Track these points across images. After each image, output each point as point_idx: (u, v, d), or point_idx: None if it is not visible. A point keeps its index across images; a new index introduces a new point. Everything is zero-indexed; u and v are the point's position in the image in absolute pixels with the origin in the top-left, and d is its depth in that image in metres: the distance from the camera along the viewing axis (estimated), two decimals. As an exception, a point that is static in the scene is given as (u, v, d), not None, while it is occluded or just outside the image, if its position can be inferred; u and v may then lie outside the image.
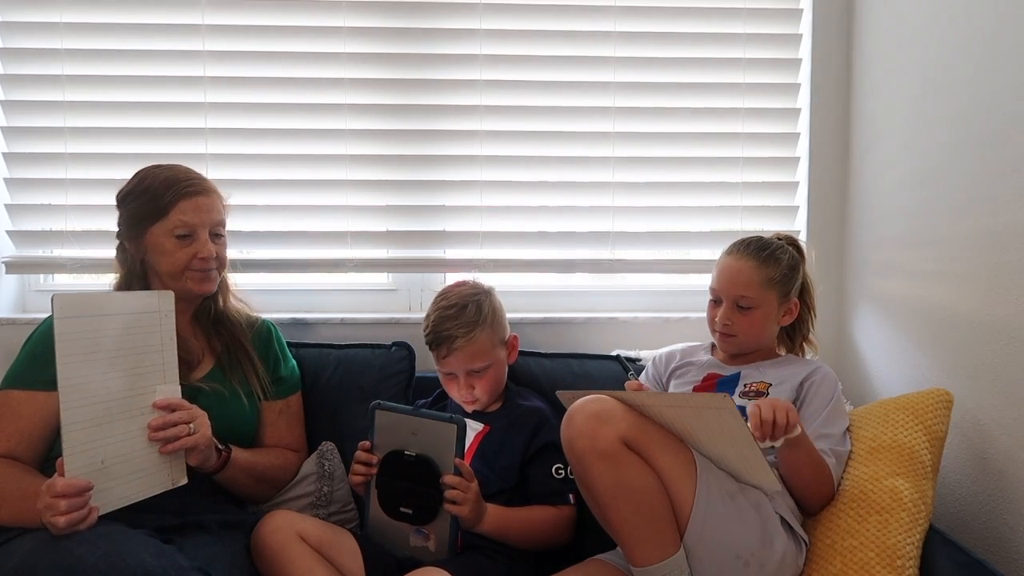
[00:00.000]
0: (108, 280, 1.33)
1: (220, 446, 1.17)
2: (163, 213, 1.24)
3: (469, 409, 1.40)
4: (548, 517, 1.29)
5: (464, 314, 1.34)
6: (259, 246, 1.73)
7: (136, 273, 1.28)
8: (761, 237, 1.35)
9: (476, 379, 1.36)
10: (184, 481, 1.11)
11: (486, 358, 1.35)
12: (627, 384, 1.30)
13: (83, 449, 0.98)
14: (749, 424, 1.06)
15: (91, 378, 1.00)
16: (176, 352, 1.12)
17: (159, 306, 1.10)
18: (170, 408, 1.08)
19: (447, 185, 1.76)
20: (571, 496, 1.30)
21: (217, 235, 1.32)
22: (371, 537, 1.26)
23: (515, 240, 1.78)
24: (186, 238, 1.26)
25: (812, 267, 1.38)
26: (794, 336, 1.39)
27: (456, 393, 1.38)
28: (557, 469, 1.31)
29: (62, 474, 0.96)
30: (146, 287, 1.28)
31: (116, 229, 1.30)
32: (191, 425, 1.09)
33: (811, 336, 1.40)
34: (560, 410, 1.19)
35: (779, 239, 1.36)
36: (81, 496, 0.95)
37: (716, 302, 1.34)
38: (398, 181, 1.75)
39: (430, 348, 1.38)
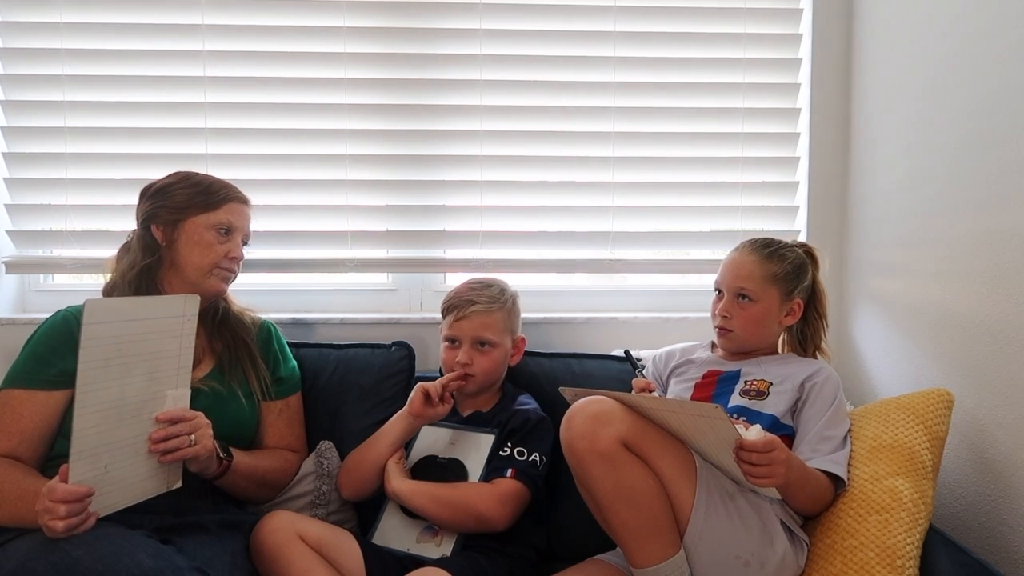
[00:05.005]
0: (106, 279, 1.33)
1: (221, 454, 1.17)
2: (213, 206, 1.29)
3: (462, 388, 1.38)
4: (471, 489, 1.26)
5: (489, 290, 1.42)
6: (259, 246, 1.72)
7: (150, 261, 1.27)
8: (771, 238, 1.36)
9: (478, 354, 1.37)
10: (178, 484, 1.11)
11: (495, 335, 1.38)
12: (634, 382, 1.31)
13: (90, 454, 0.98)
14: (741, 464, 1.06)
15: (109, 384, 1.00)
16: (192, 356, 1.12)
17: (184, 310, 1.10)
18: (172, 421, 1.08)
19: (447, 185, 1.76)
20: (508, 470, 1.26)
21: (244, 242, 1.37)
22: (375, 540, 1.27)
23: (515, 240, 1.78)
24: (224, 235, 1.30)
25: (825, 276, 1.38)
26: (806, 344, 1.38)
27: (453, 361, 1.37)
28: (505, 447, 1.30)
29: (65, 479, 0.95)
30: (152, 282, 1.28)
31: (139, 217, 1.31)
32: (192, 437, 1.09)
33: (823, 344, 1.39)
34: (559, 406, 1.19)
35: (791, 243, 1.36)
36: (81, 502, 0.95)
37: (719, 295, 1.34)
38: (398, 181, 1.75)
39: (445, 314, 1.42)
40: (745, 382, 1.30)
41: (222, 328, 1.35)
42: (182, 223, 1.28)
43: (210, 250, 1.28)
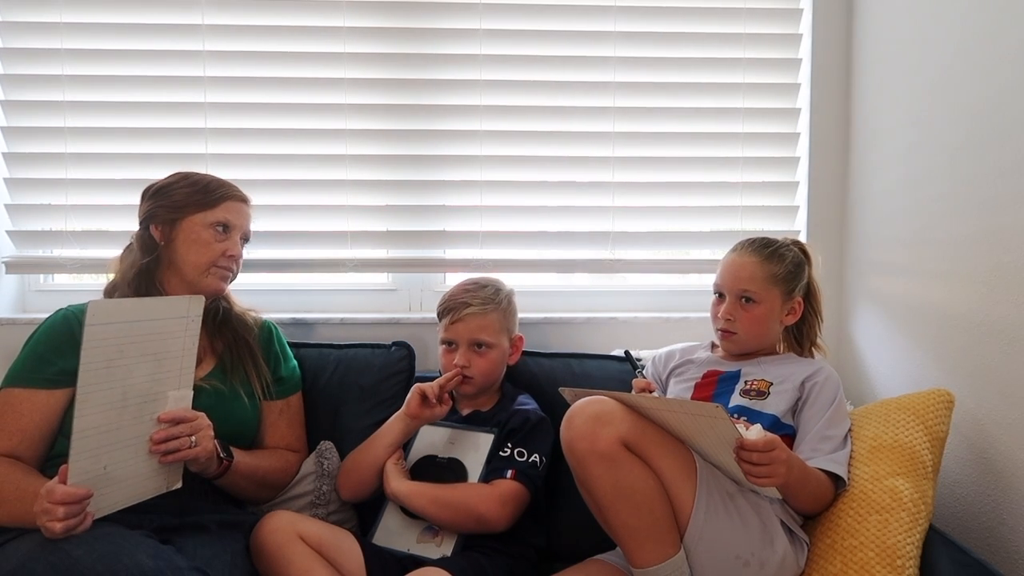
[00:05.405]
0: (109, 279, 1.33)
1: (222, 454, 1.17)
2: (211, 205, 1.29)
3: (461, 389, 1.38)
4: (471, 491, 1.26)
5: (483, 291, 1.41)
6: (259, 246, 1.72)
7: (149, 263, 1.27)
8: (766, 237, 1.36)
9: (475, 355, 1.37)
10: (178, 485, 1.11)
11: (492, 336, 1.38)
12: (634, 382, 1.31)
13: (90, 455, 0.98)
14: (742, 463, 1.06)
15: (110, 385, 0.99)
16: (195, 358, 1.12)
17: (187, 311, 1.09)
18: (174, 421, 1.08)
19: (447, 185, 1.76)
20: (508, 471, 1.26)
21: (243, 241, 1.37)
22: (375, 540, 1.27)
23: (515, 240, 1.78)
24: (222, 234, 1.30)
25: (819, 271, 1.38)
26: (802, 340, 1.39)
27: (451, 364, 1.37)
28: (505, 448, 1.30)
29: (63, 480, 0.95)
30: (151, 281, 1.28)
31: (139, 217, 1.31)
32: (193, 438, 1.09)
33: (819, 341, 1.40)
34: (559, 406, 1.19)
35: (787, 241, 1.37)
36: (79, 504, 0.95)
37: (720, 298, 1.34)
38: (398, 181, 1.75)
39: (440, 317, 1.42)
40: (745, 382, 1.30)
41: (223, 328, 1.35)
42: (180, 222, 1.28)
43: (207, 248, 1.28)
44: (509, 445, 1.30)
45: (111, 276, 1.32)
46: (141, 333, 1.02)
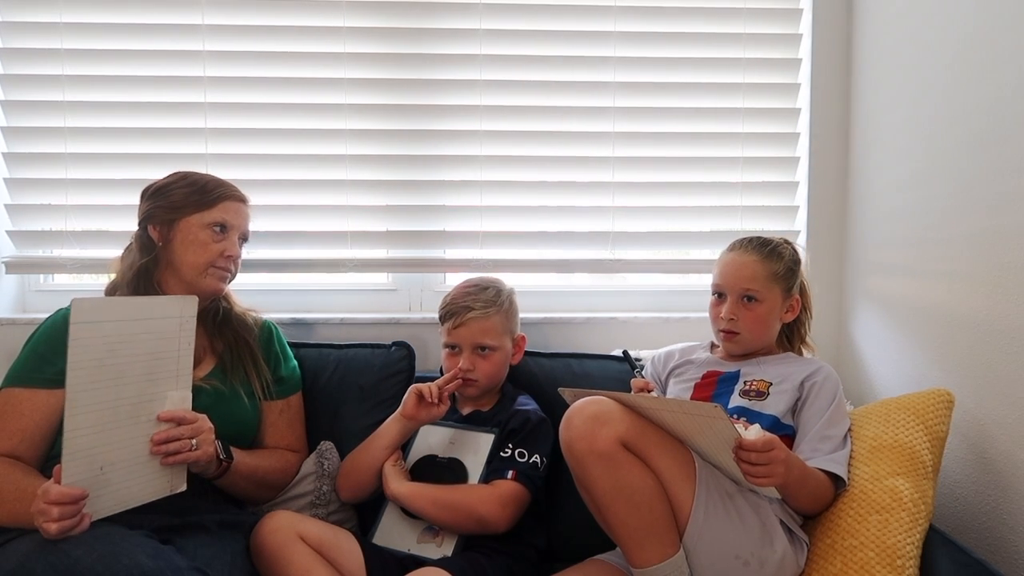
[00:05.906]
0: (109, 279, 1.33)
1: (222, 455, 1.17)
2: (208, 205, 1.29)
3: (463, 391, 1.39)
4: (472, 492, 1.26)
5: (484, 293, 1.40)
6: (259, 246, 1.72)
7: (147, 263, 1.27)
8: (761, 236, 1.36)
9: (479, 359, 1.37)
10: (183, 488, 1.10)
11: (495, 339, 1.38)
12: (633, 382, 1.31)
13: (83, 455, 0.97)
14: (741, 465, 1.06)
15: (101, 384, 0.98)
16: (192, 359, 1.11)
17: (181, 311, 1.08)
18: (175, 421, 1.08)
19: (447, 185, 1.76)
20: (509, 472, 1.26)
21: (242, 241, 1.36)
22: (375, 540, 1.27)
23: (515, 240, 1.78)
24: (219, 234, 1.29)
25: (808, 269, 1.39)
26: (792, 338, 1.40)
27: (454, 367, 1.36)
28: (506, 448, 1.30)
29: (58, 481, 0.95)
30: (149, 282, 1.28)
31: (138, 218, 1.31)
32: (194, 441, 1.09)
33: (808, 339, 1.40)
34: (559, 407, 1.19)
35: (780, 240, 1.37)
36: (75, 504, 0.95)
37: (720, 298, 1.34)
38: (398, 181, 1.75)
39: (443, 321, 1.41)
40: (745, 382, 1.30)
41: (223, 328, 1.35)
42: (177, 222, 1.28)
43: (205, 249, 1.28)
44: (510, 446, 1.30)
45: (112, 276, 1.32)
46: (132, 333, 1.01)
